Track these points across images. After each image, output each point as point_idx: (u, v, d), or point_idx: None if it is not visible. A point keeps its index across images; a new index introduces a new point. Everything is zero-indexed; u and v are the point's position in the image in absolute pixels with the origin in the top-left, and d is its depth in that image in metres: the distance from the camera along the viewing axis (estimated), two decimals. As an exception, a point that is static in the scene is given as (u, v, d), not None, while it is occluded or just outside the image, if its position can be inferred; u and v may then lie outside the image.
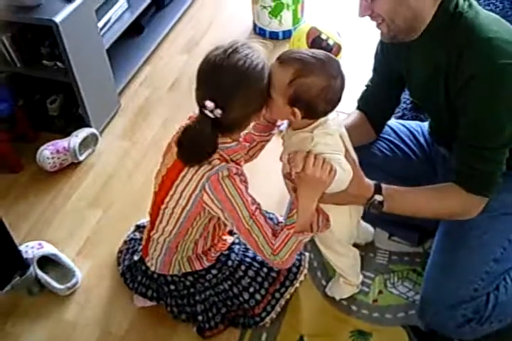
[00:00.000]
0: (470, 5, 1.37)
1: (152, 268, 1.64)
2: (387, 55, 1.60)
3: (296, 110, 1.31)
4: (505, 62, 1.27)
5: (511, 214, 1.53)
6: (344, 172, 1.33)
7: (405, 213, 1.50)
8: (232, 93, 1.29)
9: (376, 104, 1.70)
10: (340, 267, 1.67)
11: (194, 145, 1.34)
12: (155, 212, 1.52)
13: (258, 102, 1.33)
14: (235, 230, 1.42)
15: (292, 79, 1.28)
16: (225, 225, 1.55)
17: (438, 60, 1.40)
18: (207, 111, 1.28)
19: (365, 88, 1.74)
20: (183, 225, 1.48)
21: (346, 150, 1.39)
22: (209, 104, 1.27)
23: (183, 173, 1.39)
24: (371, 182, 1.45)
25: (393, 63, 1.59)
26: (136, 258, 1.71)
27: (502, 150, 1.37)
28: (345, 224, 1.55)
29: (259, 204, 1.42)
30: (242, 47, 1.33)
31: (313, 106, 1.31)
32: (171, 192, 1.43)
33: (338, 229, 1.53)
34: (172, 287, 1.64)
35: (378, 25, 1.40)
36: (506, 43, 1.30)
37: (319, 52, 1.32)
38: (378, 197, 1.43)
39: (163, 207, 1.47)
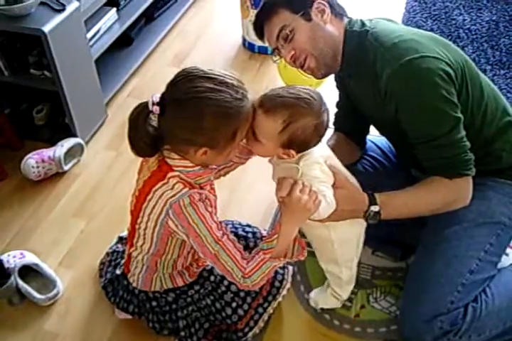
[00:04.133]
0: (371, 20, 1.50)
1: (134, 284, 1.62)
2: (340, 84, 1.72)
3: (291, 151, 1.33)
4: (411, 57, 1.35)
5: (487, 224, 1.55)
6: (328, 205, 1.34)
7: (402, 216, 1.51)
8: (176, 105, 1.26)
9: (350, 123, 1.75)
10: (344, 280, 1.64)
11: (130, 129, 1.32)
12: (132, 230, 1.52)
13: (200, 137, 1.28)
14: (201, 255, 1.39)
15: (284, 127, 1.29)
16: None
17: (365, 82, 1.48)
18: (150, 101, 1.27)
19: (336, 109, 1.78)
20: (158, 244, 1.47)
21: (335, 173, 1.40)
22: (156, 97, 1.27)
23: (149, 197, 1.37)
24: (365, 195, 1.46)
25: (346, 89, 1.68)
26: (118, 272, 1.70)
27: (455, 131, 1.40)
28: (357, 236, 1.55)
29: (226, 228, 1.40)
30: (238, 87, 1.28)
31: (308, 143, 1.33)
32: (141, 214, 1.42)
33: (351, 241, 1.54)
34: (154, 303, 1.62)
35: (304, 62, 1.49)
36: (409, 41, 1.40)
37: (299, 91, 1.32)
38: (374, 208, 1.45)
39: (137, 227, 1.47)
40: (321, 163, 1.37)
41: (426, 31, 1.51)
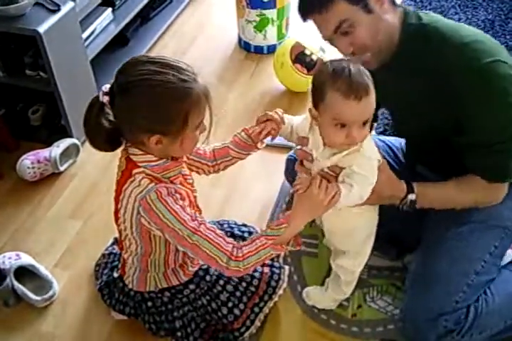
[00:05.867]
0: (427, 14, 1.42)
1: (130, 286, 1.62)
2: None
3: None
4: (487, 61, 1.30)
5: (493, 227, 1.54)
6: (350, 193, 1.31)
7: (434, 206, 1.52)
8: (122, 90, 1.25)
9: None
10: (356, 274, 1.63)
11: (84, 124, 1.32)
12: (119, 233, 1.52)
13: (149, 121, 1.26)
14: (180, 248, 1.38)
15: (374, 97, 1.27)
16: None
17: (415, 77, 1.42)
18: (101, 91, 1.27)
19: None
20: (142, 243, 1.46)
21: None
22: (105, 88, 1.27)
23: (121, 196, 1.37)
24: (403, 182, 1.46)
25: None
26: (115, 275, 1.69)
27: None
28: (374, 221, 1.54)
29: (202, 218, 1.38)
30: (185, 70, 1.26)
31: None
32: (119, 215, 1.42)
33: (370, 226, 1.53)
34: (149, 304, 1.61)
35: (365, 59, 1.39)
36: (479, 43, 1.34)
37: (341, 62, 1.28)
38: (411, 197, 1.45)
39: (119, 228, 1.47)
40: (374, 144, 1.37)
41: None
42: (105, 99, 1.27)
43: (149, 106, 1.24)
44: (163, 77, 1.23)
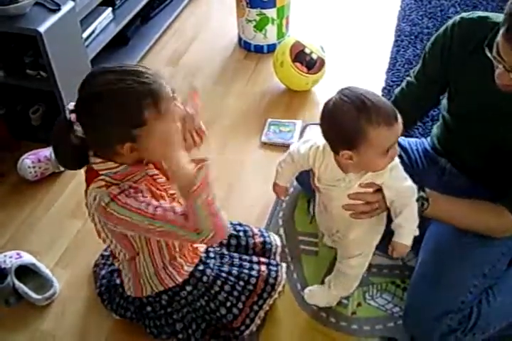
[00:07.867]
0: None
1: (128, 293, 1.62)
2: (446, 65, 1.55)
3: None
4: None
5: (507, 239, 1.55)
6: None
7: (442, 219, 1.52)
8: (85, 105, 1.24)
9: (414, 102, 1.68)
10: (360, 272, 1.64)
11: (53, 145, 1.33)
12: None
13: (115, 129, 1.23)
14: (154, 237, 1.39)
15: None
16: None
17: None
18: (67, 110, 1.26)
19: (405, 82, 1.69)
20: (124, 248, 1.47)
21: None
22: (71, 105, 1.26)
23: (88, 207, 1.36)
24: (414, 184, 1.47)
25: (450, 75, 1.55)
26: (118, 281, 1.67)
27: None
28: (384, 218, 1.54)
29: (156, 203, 1.31)
30: (144, 73, 1.24)
31: None
32: (97, 227, 1.43)
33: (382, 224, 1.54)
34: (149, 308, 1.61)
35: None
36: None
37: (363, 93, 1.26)
38: (423, 194, 1.45)
39: (102, 240, 1.48)
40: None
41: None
42: (72, 116, 1.25)
43: (112, 115, 1.21)
44: (122, 83, 1.21)
